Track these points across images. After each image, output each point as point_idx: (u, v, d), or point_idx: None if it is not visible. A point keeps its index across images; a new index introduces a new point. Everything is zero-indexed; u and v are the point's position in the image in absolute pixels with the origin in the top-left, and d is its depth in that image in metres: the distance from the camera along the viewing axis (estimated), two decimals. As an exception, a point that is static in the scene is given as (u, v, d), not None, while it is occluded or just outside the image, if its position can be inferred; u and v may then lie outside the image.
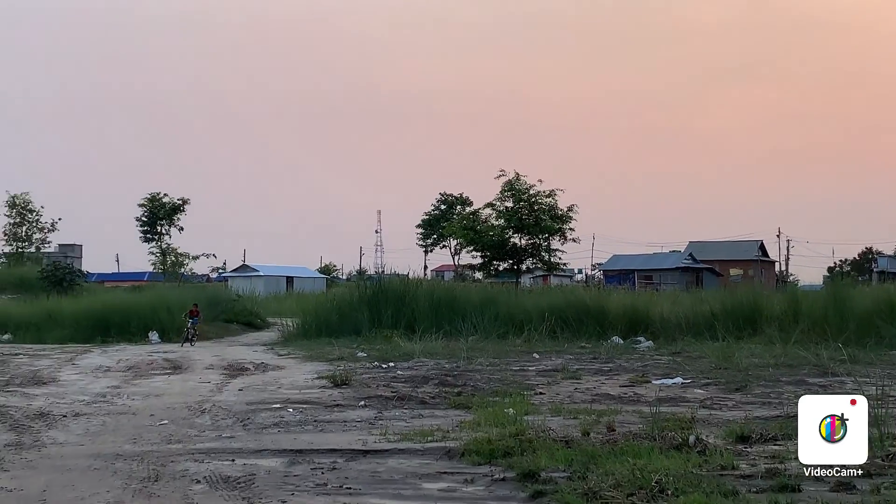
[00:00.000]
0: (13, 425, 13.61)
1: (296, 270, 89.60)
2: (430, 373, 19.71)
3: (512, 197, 44.68)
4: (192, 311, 32.48)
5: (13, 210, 56.53)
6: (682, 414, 12.61)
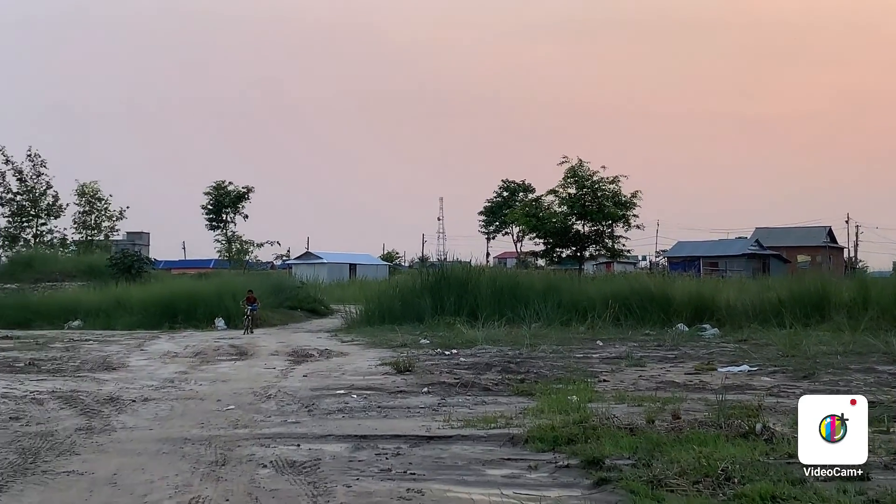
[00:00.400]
0: (84, 410, 13.88)
1: (359, 258, 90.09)
2: (492, 360, 19.71)
3: (575, 183, 44.41)
4: (249, 298, 32.16)
5: (83, 199, 57.47)
6: (749, 402, 12.45)
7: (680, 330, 27.22)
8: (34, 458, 10.27)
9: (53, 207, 54.67)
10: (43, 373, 18.88)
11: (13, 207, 53.58)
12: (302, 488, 8.72)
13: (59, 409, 13.88)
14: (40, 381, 17.39)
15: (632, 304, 29.80)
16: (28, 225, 54.21)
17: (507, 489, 8.58)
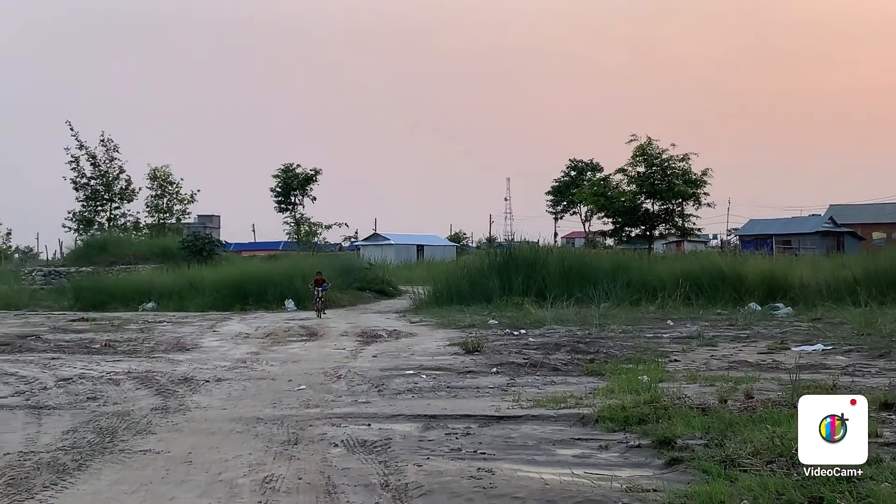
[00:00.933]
0: (159, 390, 14.13)
1: (426, 238, 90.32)
2: (561, 340, 19.65)
3: (644, 162, 43.94)
4: (317, 280, 31.51)
5: (154, 182, 58.27)
6: (823, 381, 12.23)
7: (752, 309, 26.85)
8: (111, 437, 10.48)
9: (126, 191, 55.53)
10: (119, 354, 19.25)
11: (88, 192, 54.54)
12: (373, 467, 8.78)
13: (135, 390, 14.14)
14: (116, 361, 17.74)
15: (703, 284, 29.47)
16: (102, 209, 55.15)
17: (578, 469, 8.55)
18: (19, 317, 31.16)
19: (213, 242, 46.84)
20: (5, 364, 17.29)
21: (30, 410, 12.38)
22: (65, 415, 12.01)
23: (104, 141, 54.81)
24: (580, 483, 8.00)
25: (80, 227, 54.92)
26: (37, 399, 13.32)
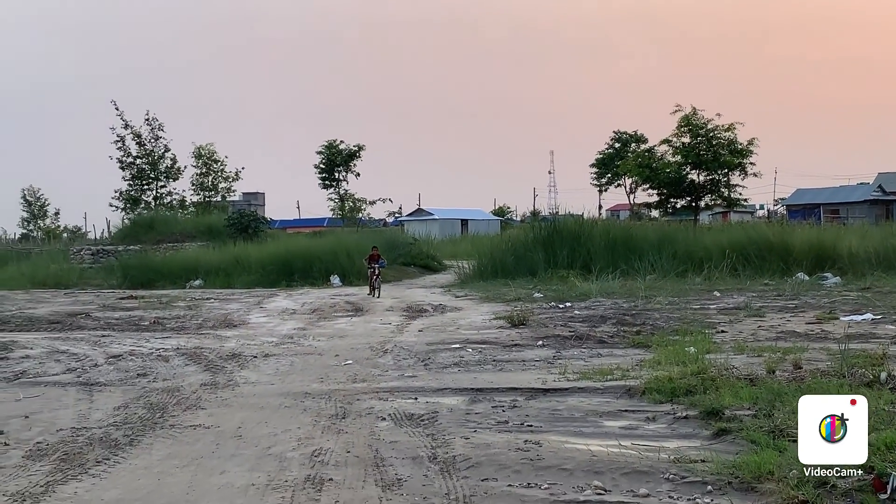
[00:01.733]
0: (208, 366, 14.27)
1: (470, 213, 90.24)
2: (607, 312, 19.58)
3: (689, 132, 43.43)
4: (373, 255, 28.86)
5: (199, 161, 58.61)
6: (873, 350, 12.09)
7: (800, 279, 26.58)
8: (162, 412, 10.61)
9: (172, 170, 55.83)
10: (167, 331, 19.46)
11: (134, 171, 54.97)
12: (421, 440, 8.82)
13: (184, 366, 14.29)
14: (165, 338, 17.94)
15: (750, 254, 29.20)
16: (148, 187, 55.55)
17: (626, 440, 8.53)
18: (69, 295, 31.57)
19: (258, 219, 47.08)
20: (57, 342, 17.55)
21: (81, 387, 12.56)
22: (115, 391, 12.18)
23: (149, 120, 55.20)
24: (627, 454, 7.99)
25: (127, 206, 55.42)
26: (88, 376, 13.51)
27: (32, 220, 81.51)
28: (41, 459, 8.43)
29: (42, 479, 7.64)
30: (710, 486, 6.96)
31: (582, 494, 6.97)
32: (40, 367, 14.40)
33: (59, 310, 24.76)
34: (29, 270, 38.83)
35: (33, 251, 47.46)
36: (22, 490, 7.32)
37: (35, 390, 12.33)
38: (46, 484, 7.50)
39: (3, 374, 13.74)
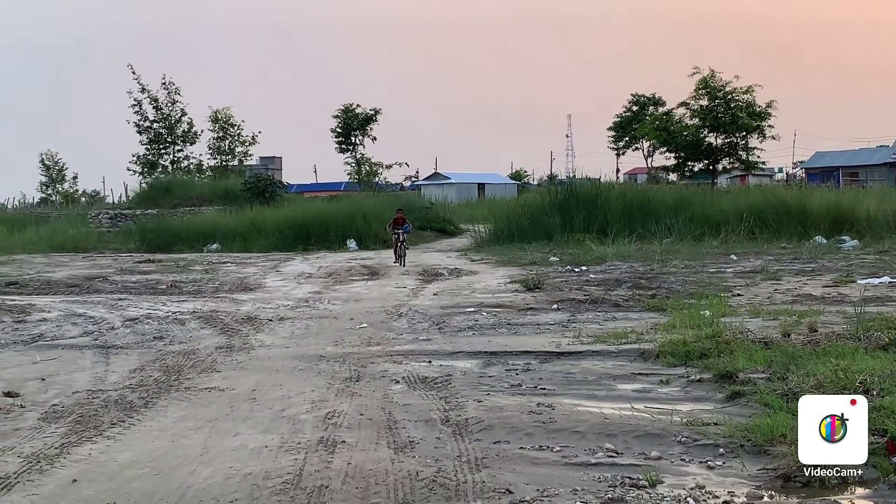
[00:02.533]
0: (224, 329, 14.33)
1: (487, 177, 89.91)
2: (622, 276, 19.53)
3: (707, 95, 43.03)
4: (397, 219, 26.51)
5: (216, 125, 58.53)
6: (889, 314, 11.99)
7: (818, 242, 26.44)
8: (177, 375, 10.67)
9: (189, 134, 55.83)
10: (184, 294, 19.54)
11: (151, 135, 55.00)
12: (434, 403, 8.84)
13: (200, 329, 14.36)
14: (181, 302, 18.02)
15: (767, 217, 29.06)
16: (165, 151, 55.56)
17: (639, 403, 8.53)
18: (87, 259, 31.73)
19: (274, 184, 47.04)
20: (74, 305, 17.64)
21: (98, 350, 12.64)
22: (132, 354, 12.25)
23: (166, 84, 55.16)
24: (640, 417, 8.00)
25: (145, 170, 55.53)
26: (105, 339, 13.59)
27: (51, 184, 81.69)
28: (57, 421, 8.50)
29: (57, 441, 7.70)
30: (722, 449, 6.96)
31: (594, 457, 6.98)
32: (57, 330, 14.49)
33: (76, 273, 24.89)
34: (47, 234, 39.02)
35: (52, 215, 47.66)
36: (37, 451, 7.37)
37: (52, 353, 12.41)
38: (61, 445, 7.56)
39: (20, 337, 13.83)
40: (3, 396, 9.62)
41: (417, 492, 6.21)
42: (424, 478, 6.48)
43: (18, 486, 6.50)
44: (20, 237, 38.89)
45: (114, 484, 6.53)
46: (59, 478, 6.70)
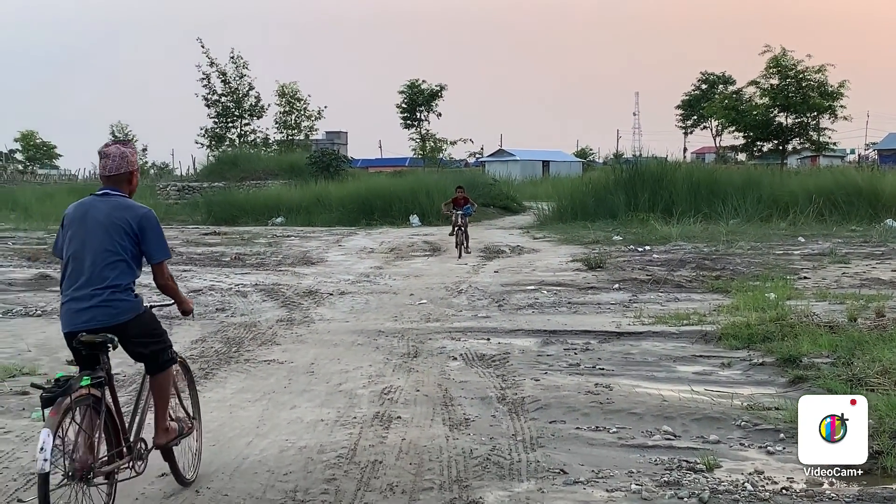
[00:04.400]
0: (285, 302, 14.44)
1: (552, 154, 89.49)
2: (686, 256, 19.28)
3: (777, 74, 42.32)
4: (458, 199, 22.58)
5: (283, 99, 58.74)
6: (962, 301, 11.72)
7: (889, 226, 25.82)
8: (238, 347, 10.77)
9: (256, 108, 56.11)
10: (247, 267, 19.72)
11: (218, 108, 55.44)
12: (490, 381, 8.81)
13: (262, 302, 14.47)
14: (244, 274, 18.18)
15: (837, 199, 28.47)
16: (232, 125, 56.02)
17: (698, 386, 8.41)
18: (155, 231, 32.07)
19: (339, 158, 47.21)
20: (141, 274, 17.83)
21: (161, 320, 12.74)
22: (194, 325, 12.37)
23: (234, 58, 55.50)
24: (699, 400, 7.88)
25: (212, 144, 56.02)
26: (168, 309, 13.67)
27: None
28: (119, 391, 8.58)
29: (118, 410, 7.78)
30: (782, 434, 6.83)
31: (651, 439, 6.90)
32: (123, 300, 14.66)
33: (143, 245, 25.18)
34: (117, 205, 39.58)
35: (121, 186, 48.30)
36: (98, 419, 7.47)
37: (117, 322, 12.56)
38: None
39: (86, 307, 14.02)
40: (67, 364, 9.74)
41: (471, 469, 6.19)
42: (478, 456, 6.46)
43: (78, 453, 6.59)
44: (90, 208, 39.49)
45: (171, 453, 6.59)
46: (118, 446, 6.77)
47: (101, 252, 5.42)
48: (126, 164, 5.63)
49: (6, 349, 10.52)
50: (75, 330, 5.31)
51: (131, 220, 5.53)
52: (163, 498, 5.76)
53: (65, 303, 5.45)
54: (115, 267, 5.45)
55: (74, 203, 5.68)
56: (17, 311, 13.53)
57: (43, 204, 39.39)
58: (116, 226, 5.47)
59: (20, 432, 7.15)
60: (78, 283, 5.40)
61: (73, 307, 5.38)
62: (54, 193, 43.31)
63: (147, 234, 5.58)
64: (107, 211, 5.50)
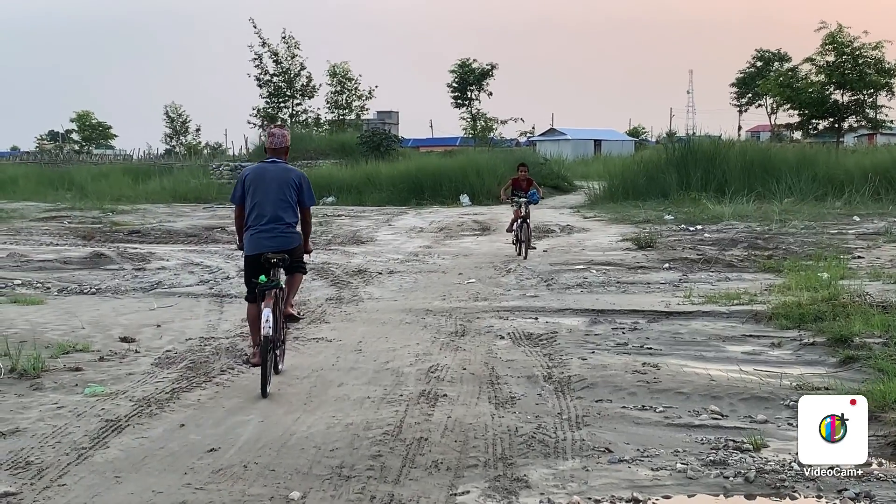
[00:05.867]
0: (334, 281, 14.53)
1: (604, 133, 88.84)
2: (738, 235, 19.08)
3: (833, 50, 41.63)
4: (517, 180, 17.50)
5: (334, 79, 58.89)
6: None
7: (947, 204, 25.35)
8: (286, 325, 10.83)
9: (307, 88, 56.26)
10: (298, 246, 19.80)
11: (270, 88, 55.70)
12: (537, 360, 8.80)
13: (311, 280, 14.56)
14: (295, 253, 18.27)
15: (894, 178, 27.98)
16: (284, 105, 56.23)
17: (747, 366, 8.35)
18: (207, 210, 32.45)
19: (389, 138, 47.24)
20: (192, 254, 18.08)
21: (213, 298, 12.95)
22: (245, 303, 12.49)
23: (285, 38, 55.68)
24: (748, 380, 7.82)
25: (264, 123, 56.29)
26: (219, 288, 13.91)
27: (174, 136, 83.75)
28: (169, 367, 8.73)
29: (168, 386, 7.91)
30: (831, 415, 6.76)
31: (697, 419, 6.86)
32: (175, 279, 14.89)
33: (196, 223, 25.53)
34: (170, 185, 40.02)
35: (175, 166, 48.80)
36: (148, 396, 7.59)
37: (169, 300, 12.76)
38: (172, 391, 7.76)
39: (139, 284, 14.26)
40: (119, 342, 9.93)
41: (516, 447, 6.20)
42: (524, 434, 6.47)
43: (128, 429, 6.71)
44: (145, 187, 39.96)
45: (219, 429, 6.69)
46: (168, 422, 6.89)
47: (277, 201, 8.29)
48: (284, 140, 8.62)
49: (61, 326, 10.70)
50: (263, 252, 8.16)
51: (294, 179, 8.42)
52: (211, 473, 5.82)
53: (252, 235, 8.28)
54: (286, 210, 8.34)
55: (252, 167, 8.67)
56: (71, 289, 13.75)
57: (98, 183, 39.94)
58: (285, 182, 8.35)
59: (73, 407, 7.26)
60: (262, 221, 8.25)
61: (260, 237, 8.25)
62: (109, 173, 43.84)
63: (303, 187, 8.49)
64: (277, 173, 8.41)
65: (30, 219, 27.65)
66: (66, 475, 5.76)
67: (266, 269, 8.13)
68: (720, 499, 5.40)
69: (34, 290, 13.54)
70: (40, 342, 9.49)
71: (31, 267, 16.23)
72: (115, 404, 7.35)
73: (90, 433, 6.60)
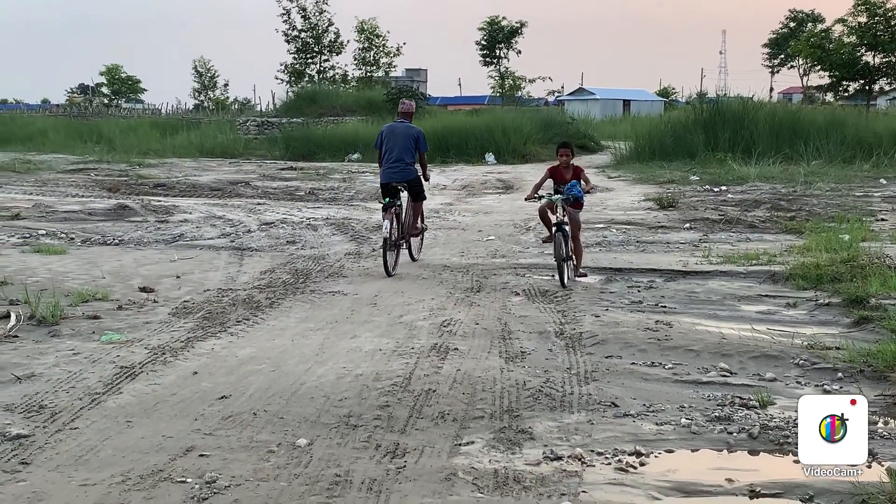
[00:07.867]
0: (354, 236, 14.61)
1: (633, 93, 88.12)
2: (762, 196, 18.95)
3: (866, 11, 41.03)
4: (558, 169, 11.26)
5: (361, 35, 58.67)
6: None
7: (977, 169, 25.04)
8: (305, 278, 10.95)
9: (335, 44, 56.14)
10: (320, 201, 19.93)
11: (298, 44, 55.62)
12: (550, 316, 8.84)
13: (331, 235, 14.66)
14: (317, 208, 18.39)
15: (924, 141, 27.62)
16: (312, 61, 56.17)
17: (760, 325, 8.35)
18: (233, 164, 32.55)
19: (416, 95, 47.09)
20: (215, 208, 18.19)
21: (233, 251, 13.05)
22: (265, 256, 12.62)
23: (314, -8, 55.47)
24: (759, 339, 7.82)
25: (292, 80, 56.28)
26: (240, 241, 14.01)
27: (203, 90, 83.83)
28: (185, 317, 8.83)
29: (183, 335, 8.02)
30: (840, 374, 6.77)
31: (706, 375, 6.88)
32: (197, 231, 15.01)
33: (221, 178, 25.63)
34: (198, 139, 40.09)
35: (203, 121, 48.85)
36: (163, 344, 7.70)
37: (190, 252, 12.89)
38: (187, 340, 7.87)
39: (161, 237, 14.39)
40: (138, 291, 10.05)
41: (522, 400, 6.25)
42: (531, 387, 6.51)
43: (142, 376, 6.81)
44: (172, 141, 40.06)
45: (231, 378, 6.78)
46: (181, 370, 6.98)
47: (402, 148, 11.90)
48: (410, 108, 12.65)
49: (82, 276, 10.83)
50: (390, 181, 11.85)
51: (414, 133, 12.12)
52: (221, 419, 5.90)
53: (384, 170, 11.96)
54: (408, 153, 11.96)
55: (387, 125, 12.61)
56: (95, 240, 13.91)
57: (126, 137, 40.07)
58: (408, 135, 12.01)
59: (89, 354, 7.37)
60: (391, 161, 11.88)
61: (389, 171, 11.90)
62: (137, 127, 44.00)
63: (420, 138, 12.17)
64: (403, 129, 12.08)
65: (57, 171, 27.89)
66: (79, 419, 5.87)
67: (391, 192, 11.78)
68: (723, 454, 5.43)
69: (58, 241, 13.70)
70: (61, 291, 9.62)
71: (56, 218, 16.42)
72: (131, 352, 7.46)
73: (104, 379, 6.71)
